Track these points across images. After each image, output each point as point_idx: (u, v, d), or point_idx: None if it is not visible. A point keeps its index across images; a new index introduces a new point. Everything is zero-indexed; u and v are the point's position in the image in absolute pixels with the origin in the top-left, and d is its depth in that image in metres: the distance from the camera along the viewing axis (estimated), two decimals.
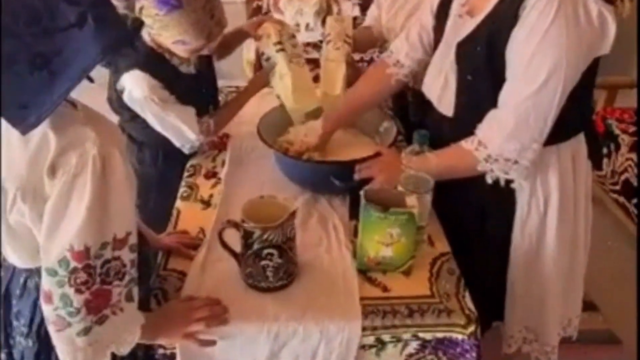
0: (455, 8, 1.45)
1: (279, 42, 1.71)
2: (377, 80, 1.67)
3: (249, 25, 1.84)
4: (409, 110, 1.92)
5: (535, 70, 1.23)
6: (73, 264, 0.91)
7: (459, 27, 1.41)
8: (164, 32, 1.50)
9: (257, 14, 3.13)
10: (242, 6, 3.47)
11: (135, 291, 1.01)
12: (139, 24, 1.53)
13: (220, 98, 1.94)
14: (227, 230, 1.23)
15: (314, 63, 2.17)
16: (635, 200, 2.67)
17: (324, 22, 2.94)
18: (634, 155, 2.67)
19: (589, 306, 2.37)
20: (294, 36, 1.79)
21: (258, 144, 1.67)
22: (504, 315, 1.57)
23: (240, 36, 1.89)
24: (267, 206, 1.25)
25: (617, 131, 2.82)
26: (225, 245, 1.25)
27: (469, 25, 1.36)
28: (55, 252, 0.91)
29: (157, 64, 1.58)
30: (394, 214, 1.24)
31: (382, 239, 1.27)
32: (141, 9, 1.48)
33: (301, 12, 2.80)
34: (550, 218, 1.44)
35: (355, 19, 2.95)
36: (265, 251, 1.19)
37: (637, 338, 1.85)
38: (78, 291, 0.92)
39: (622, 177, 2.75)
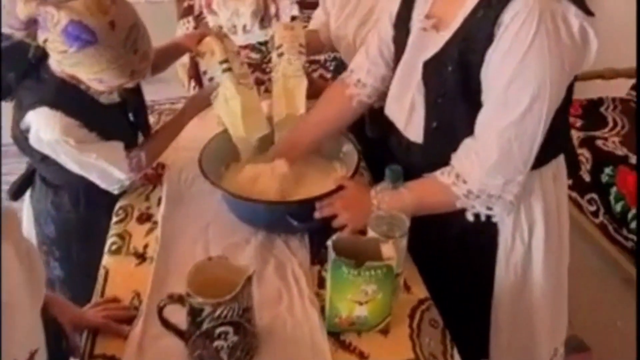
0: (417, 19, 1.27)
1: (226, 61, 1.47)
2: (336, 103, 1.47)
3: (187, 39, 1.58)
4: (365, 125, 1.72)
5: (517, 95, 1.09)
6: None
7: (424, 42, 1.23)
8: (76, 69, 1.24)
9: (188, 14, 2.88)
10: (171, 6, 3.18)
11: None
12: (43, 52, 1.26)
13: (151, 118, 1.68)
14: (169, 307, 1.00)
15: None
16: (588, 196, 2.64)
17: (261, 22, 2.72)
18: (584, 151, 2.62)
19: None
20: (238, 52, 1.56)
21: (199, 175, 1.42)
22: (489, 353, 1.44)
23: (177, 51, 1.62)
24: (216, 268, 1.03)
25: None
26: (167, 324, 1.02)
27: (436, 41, 1.19)
28: None
29: (71, 98, 1.30)
30: (369, 269, 1.05)
31: (356, 297, 1.08)
32: (45, 41, 1.21)
33: (237, 13, 2.57)
34: (535, 247, 1.32)
35: (293, 18, 2.74)
36: (218, 330, 0.97)
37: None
38: None
39: None
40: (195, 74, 2.88)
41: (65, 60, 1.22)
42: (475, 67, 1.12)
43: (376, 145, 1.50)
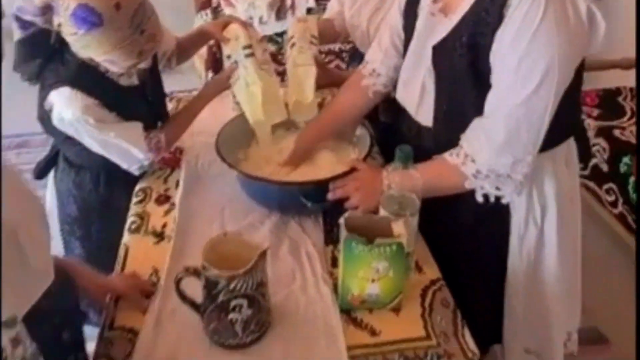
0: (425, 4, 1.28)
1: (249, 46, 1.50)
2: (354, 94, 1.50)
3: (213, 26, 1.62)
4: (379, 109, 1.74)
5: (526, 76, 1.10)
6: None
7: (433, 27, 1.25)
8: (87, 52, 1.29)
9: (206, 7, 2.91)
10: None
11: None
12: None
13: (169, 105, 1.72)
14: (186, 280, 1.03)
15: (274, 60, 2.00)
16: (606, 186, 2.61)
17: (277, 14, 2.75)
18: (601, 140, 2.61)
19: None
20: (261, 40, 1.59)
21: (216, 159, 1.46)
22: (503, 338, 1.44)
23: (202, 38, 1.67)
24: (231, 245, 1.05)
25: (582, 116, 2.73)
26: (184, 297, 1.05)
27: (445, 25, 1.21)
28: None
29: (91, 78, 1.35)
30: (380, 245, 1.07)
31: (368, 275, 1.10)
32: (59, 25, 1.27)
33: (254, 4, 2.59)
34: (548, 230, 1.32)
35: (309, 10, 2.76)
36: (233, 303, 1.00)
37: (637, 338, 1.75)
38: None
39: (591, 163, 2.68)
40: (213, 65, 2.92)
41: (76, 43, 1.28)
42: (484, 49, 1.13)
43: (389, 131, 1.51)
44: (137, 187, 1.50)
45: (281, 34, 2.76)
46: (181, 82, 2.11)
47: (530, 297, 1.38)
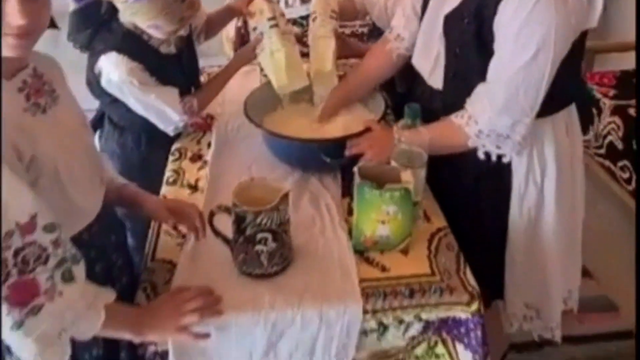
0: None
1: (273, 18, 1.66)
2: (379, 56, 1.64)
3: (239, 2, 1.77)
4: (395, 82, 1.87)
5: (524, 44, 1.20)
6: None
7: None
8: (135, 18, 1.47)
9: None
10: None
11: (78, 270, 0.95)
12: (113, 8, 1.49)
13: (202, 78, 1.88)
14: (217, 215, 1.18)
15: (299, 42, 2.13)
16: (621, 163, 2.68)
17: None
18: (616, 119, 2.68)
19: (582, 272, 2.37)
20: (283, 14, 1.75)
21: (244, 124, 1.63)
22: (504, 293, 1.54)
23: (229, 14, 1.84)
24: (258, 189, 1.19)
25: (598, 95, 2.82)
26: (216, 231, 1.19)
27: None
28: None
29: (135, 45, 1.52)
30: (390, 190, 1.20)
31: (378, 217, 1.23)
32: None
33: None
34: (548, 190, 1.42)
35: None
36: (259, 236, 1.14)
37: (636, 304, 1.84)
38: None
39: (606, 141, 2.76)
40: (241, 47, 3.05)
41: (126, 10, 1.45)
42: (489, 19, 1.24)
43: (404, 100, 1.64)
44: (173, 147, 1.66)
45: (306, 17, 2.88)
46: (212, 64, 2.27)
47: (529, 253, 1.47)
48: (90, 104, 1.59)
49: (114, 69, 1.46)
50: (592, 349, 2.12)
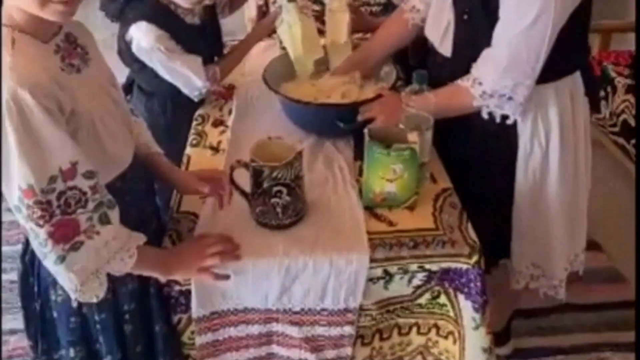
0: None
1: None
2: (395, 26, 1.73)
3: None
4: (409, 54, 1.94)
5: (525, 8, 1.28)
6: (26, 201, 0.97)
7: None
8: None
9: None
10: None
11: (113, 214, 1.06)
12: None
13: (224, 52, 1.98)
14: (237, 171, 1.28)
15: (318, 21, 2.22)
16: (634, 141, 2.71)
17: None
18: (630, 97, 2.72)
19: (592, 245, 2.42)
20: None
21: (263, 93, 1.73)
22: (511, 252, 1.61)
23: None
24: (274, 147, 1.29)
25: (613, 74, 2.86)
26: (235, 185, 1.30)
27: None
28: (13, 191, 0.97)
29: (162, 15, 1.64)
30: (397, 150, 1.28)
31: (386, 175, 1.32)
32: None
33: None
34: (552, 152, 1.48)
35: None
36: (275, 189, 1.23)
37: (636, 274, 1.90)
38: (38, 225, 0.98)
39: (620, 119, 2.80)
40: None
41: None
42: None
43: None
44: (196, 114, 1.77)
45: None
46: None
47: (534, 213, 1.53)
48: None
49: (143, 36, 1.59)
50: (597, 316, 2.20)
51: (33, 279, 1.17)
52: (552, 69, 1.36)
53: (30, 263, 1.17)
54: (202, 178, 1.32)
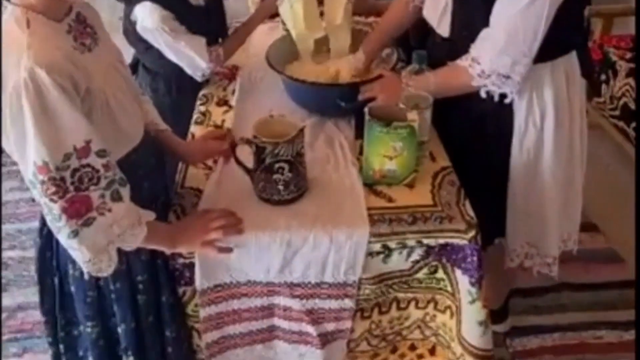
0: None
1: None
2: (398, 10, 1.75)
3: None
4: (410, 36, 1.97)
5: None
6: (40, 177, 1.00)
7: None
8: None
9: None
10: None
11: (124, 191, 1.09)
12: None
13: (228, 33, 2.00)
14: (239, 148, 1.31)
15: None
16: (634, 124, 2.73)
17: None
18: (631, 80, 2.73)
19: (590, 227, 2.47)
20: None
21: (266, 74, 1.76)
22: (506, 231, 1.64)
23: None
24: (276, 124, 1.32)
25: (614, 58, 2.87)
26: (238, 161, 1.33)
27: None
28: (28, 167, 1.01)
29: None
30: (396, 127, 1.31)
31: (386, 153, 1.35)
32: None
33: None
34: (547, 131, 1.50)
35: None
36: (277, 165, 1.27)
37: (636, 255, 1.92)
38: (52, 200, 1.01)
39: (621, 102, 2.81)
40: None
41: None
42: None
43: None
44: (200, 93, 1.80)
45: None
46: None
47: (529, 192, 1.56)
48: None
49: (147, 16, 1.61)
50: (593, 295, 2.23)
51: (51, 253, 1.21)
52: (548, 48, 1.38)
53: (48, 238, 1.20)
54: (208, 137, 1.40)
